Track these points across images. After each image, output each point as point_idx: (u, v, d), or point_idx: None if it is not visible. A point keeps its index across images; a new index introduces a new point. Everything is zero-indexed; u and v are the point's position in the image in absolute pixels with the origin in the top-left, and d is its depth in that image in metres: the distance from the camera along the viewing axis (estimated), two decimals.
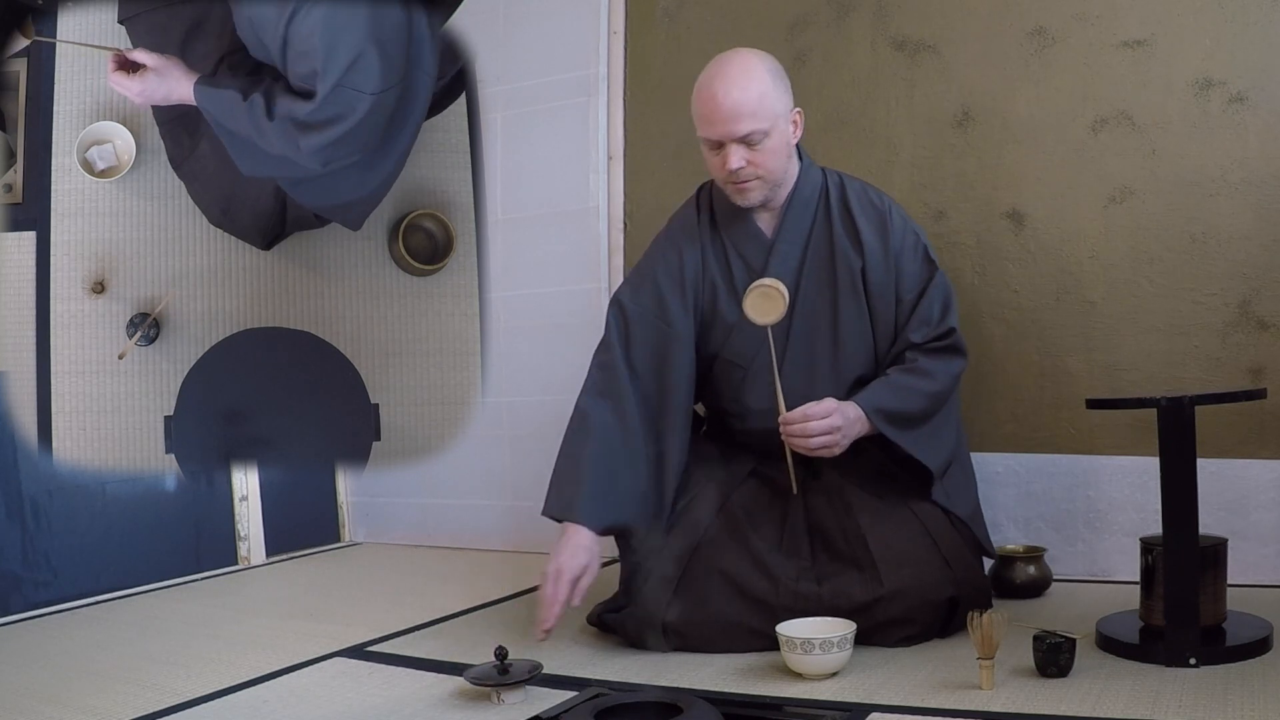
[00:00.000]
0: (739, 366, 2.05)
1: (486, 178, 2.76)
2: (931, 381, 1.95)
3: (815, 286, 2.01)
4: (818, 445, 1.85)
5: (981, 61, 2.41)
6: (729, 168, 1.91)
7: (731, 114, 1.88)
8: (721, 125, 1.89)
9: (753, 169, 1.93)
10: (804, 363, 2.01)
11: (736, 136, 1.89)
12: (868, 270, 2.00)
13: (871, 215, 2.03)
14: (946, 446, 1.99)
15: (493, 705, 1.65)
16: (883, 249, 2.00)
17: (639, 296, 2.05)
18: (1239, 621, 1.76)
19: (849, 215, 2.02)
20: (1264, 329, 2.18)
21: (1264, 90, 2.17)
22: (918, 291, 2.00)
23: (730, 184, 1.96)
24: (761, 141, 1.91)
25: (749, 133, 1.89)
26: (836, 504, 1.94)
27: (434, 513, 3.15)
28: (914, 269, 2.01)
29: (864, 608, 1.82)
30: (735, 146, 1.90)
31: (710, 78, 1.92)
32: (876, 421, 1.89)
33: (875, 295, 2.00)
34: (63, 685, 1.86)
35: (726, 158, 1.91)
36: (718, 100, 1.88)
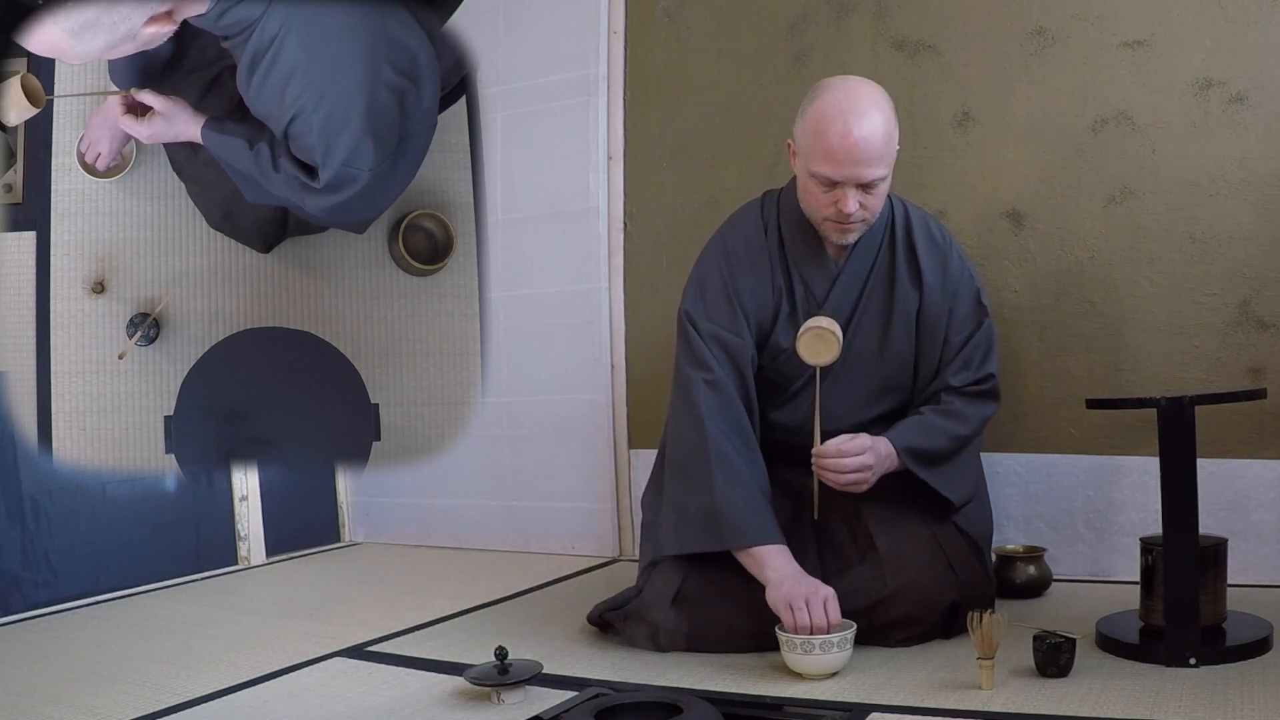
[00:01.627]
0: (780, 387, 2.03)
1: (486, 178, 2.76)
2: (963, 425, 1.94)
3: (870, 318, 1.98)
4: (848, 482, 1.84)
5: (981, 61, 2.41)
6: (845, 210, 1.81)
7: (862, 158, 1.77)
8: (850, 168, 1.78)
9: (863, 212, 1.84)
10: (845, 390, 1.99)
11: (862, 182, 1.80)
12: (923, 308, 1.97)
13: (934, 252, 1.98)
14: (970, 480, 2.00)
15: (493, 705, 1.65)
16: (941, 288, 1.97)
17: (712, 313, 1.97)
18: (1239, 621, 1.76)
19: (912, 249, 1.97)
20: (1264, 329, 2.18)
21: (1264, 90, 2.17)
22: (966, 336, 1.97)
23: (834, 223, 1.87)
24: (877, 186, 1.82)
25: (875, 179, 1.79)
26: (846, 508, 1.95)
27: (434, 513, 3.15)
28: (966, 312, 1.98)
29: (868, 608, 1.83)
30: (854, 190, 1.81)
31: (837, 113, 1.77)
32: (906, 460, 1.89)
33: (925, 333, 1.98)
34: (63, 685, 1.86)
35: (844, 200, 1.81)
36: (851, 139, 1.75)
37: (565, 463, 2.90)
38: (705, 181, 2.72)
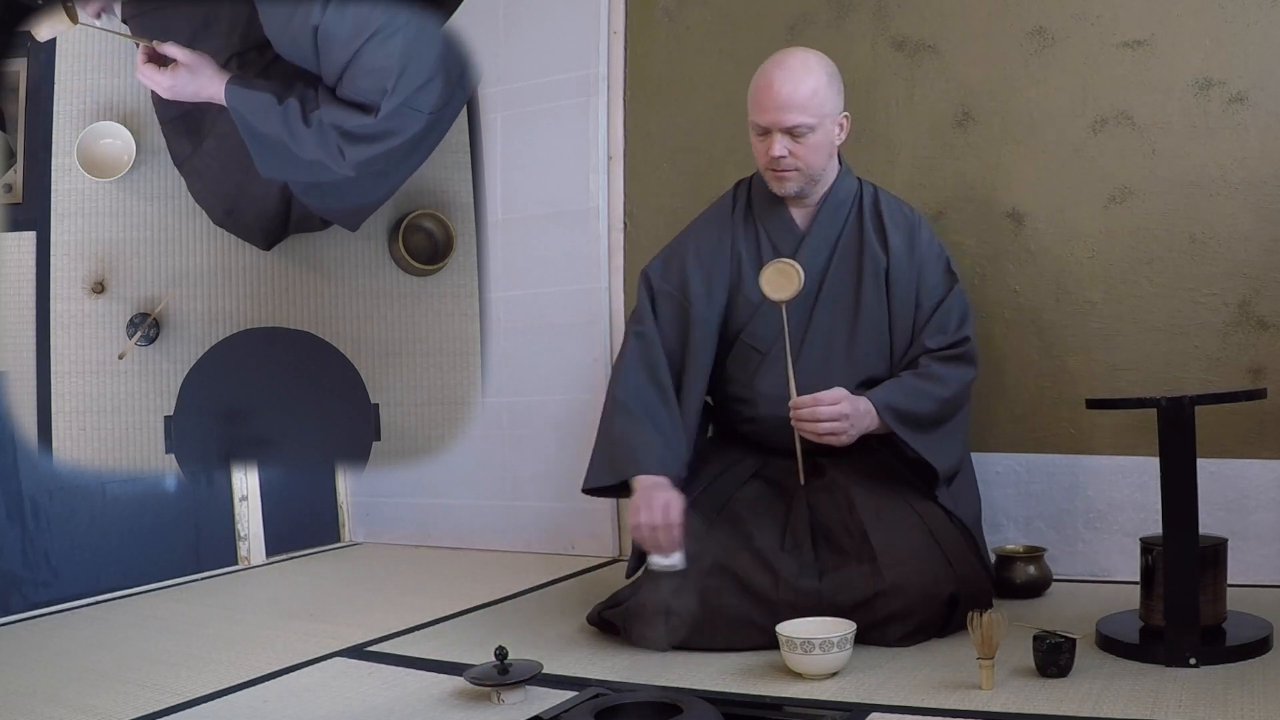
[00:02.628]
0: (756, 351, 2.09)
1: (486, 178, 2.76)
2: (943, 387, 1.99)
3: (840, 280, 2.07)
4: (825, 431, 1.89)
5: (981, 61, 2.41)
6: (771, 154, 1.99)
7: (784, 104, 1.96)
8: (772, 114, 1.97)
9: (793, 160, 2.00)
10: (820, 352, 2.05)
11: (784, 127, 1.97)
12: (891, 270, 2.06)
13: (901, 223, 2.10)
14: (955, 454, 2.02)
15: (493, 705, 1.65)
16: (908, 254, 2.07)
17: (667, 273, 2.13)
18: (1239, 621, 1.76)
19: (879, 220, 2.10)
20: (1264, 329, 2.18)
21: (1264, 90, 2.17)
22: (937, 300, 2.06)
23: (770, 170, 2.03)
24: (806, 136, 1.98)
25: (796, 124, 1.97)
26: (840, 502, 1.95)
27: (434, 513, 3.15)
28: (936, 279, 2.07)
29: (865, 602, 1.83)
30: (780, 136, 1.98)
31: (770, 66, 2.00)
32: (887, 418, 1.93)
33: (896, 297, 2.06)
34: (63, 685, 1.86)
35: (771, 144, 1.99)
36: (774, 89, 1.96)
37: (565, 463, 2.90)
38: (705, 181, 2.72)
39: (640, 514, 1.87)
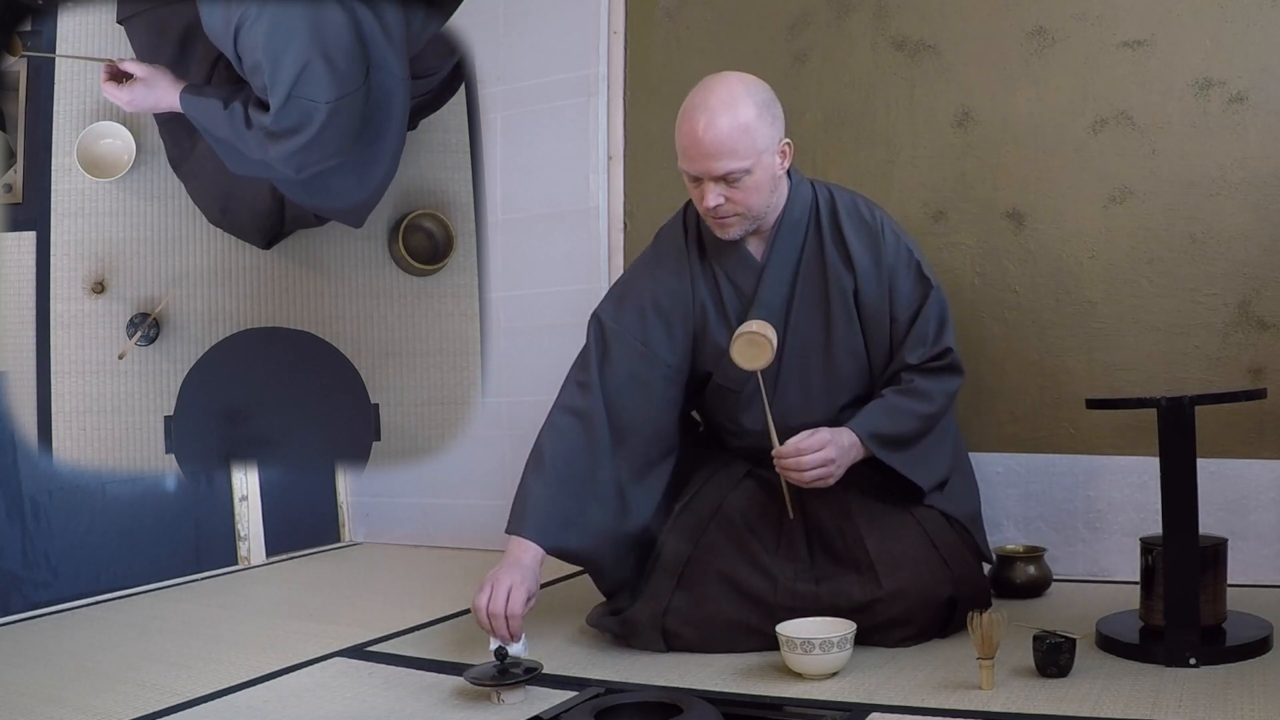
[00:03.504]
0: (731, 391, 2.02)
1: (486, 178, 2.76)
2: (928, 403, 1.92)
3: (807, 309, 1.96)
4: (812, 479, 1.81)
5: (981, 61, 2.41)
6: (705, 205, 1.85)
7: (710, 152, 1.79)
8: (699, 162, 1.81)
9: (731, 205, 1.85)
10: (798, 386, 1.98)
11: (714, 176, 1.81)
12: (860, 290, 1.95)
13: (863, 233, 1.96)
14: (941, 465, 1.96)
15: (493, 705, 1.65)
16: (875, 268, 1.95)
17: (621, 316, 2.00)
18: (1239, 621, 1.76)
19: (839, 234, 1.96)
20: (1264, 329, 2.18)
21: (1264, 90, 2.17)
22: (913, 311, 1.95)
23: (710, 218, 1.90)
24: (741, 179, 1.82)
25: (727, 172, 1.80)
26: (834, 507, 1.93)
27: (434, 513, 3.14)
28: (907, 288, 1.95)
29: (863, 608, 1.82)
30: (712, 184, 1.82)
31: (692, 108, 1.82)
32: (871, 446, 1.86)
33: (868, 316, 1.95)
34: (63, 685, 1.86)
35: (704, 194, 1.84)
36: (697, 135, 1.79)
37: None
38: None
39: (481, 594, 1.72)
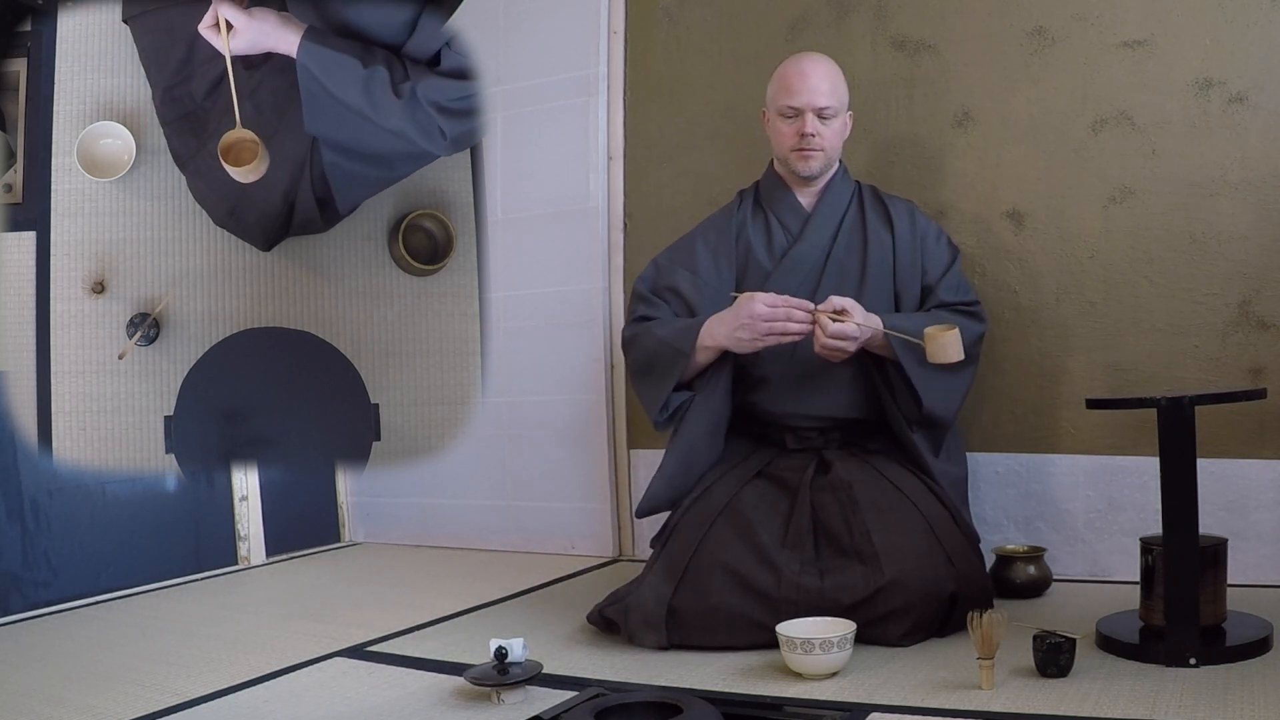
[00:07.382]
0: None
1: (486, 178, 2.76)
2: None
3: (846, 253, 2.17)
4: (834, 333, 1.94)
5: (981, 61, 2.42)
6: (805, 130, 2.12)
7: (815, 86, 2.12)
8: (806, 95, 2.12)
9: (820, 140, 2.13)
10: None
11: (817, 106, 2.12)
12: (897, 247, 2.17)
13: (901, 207, 2.23)
14: (951, 404, 2.06)
15: (493, 705, 1.65)
16: (910, 230, 2.19)
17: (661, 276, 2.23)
18: (1239, 621, 1.76)
19: (880, 202, 2.23)
20: (1264, 329, 2.18)
21: (1264, 90, 2.17)
22: (945, 266, 2.17)
23: (796, 150, 2.14)
24: (831, 120, 2.14)
25: (826, 106, 2.12)
26: (843, 501, 1.96)
27: (434, 513, 3.15)
28: (939, 252, 2.19)
29: (865, 600, 1.83)
30: (812, 116, 2.12)
31: (798, 59, 2.17)
32: (893, 342, 1.97)
33: (902, 270, 2.16)
34: (63, 685, 1.86)
35: (803, 124, 2.12)
36: (805, 73, 2.13)
37: (565, 463, 2.90)
38: (705, 181, 2.72)
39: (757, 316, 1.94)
